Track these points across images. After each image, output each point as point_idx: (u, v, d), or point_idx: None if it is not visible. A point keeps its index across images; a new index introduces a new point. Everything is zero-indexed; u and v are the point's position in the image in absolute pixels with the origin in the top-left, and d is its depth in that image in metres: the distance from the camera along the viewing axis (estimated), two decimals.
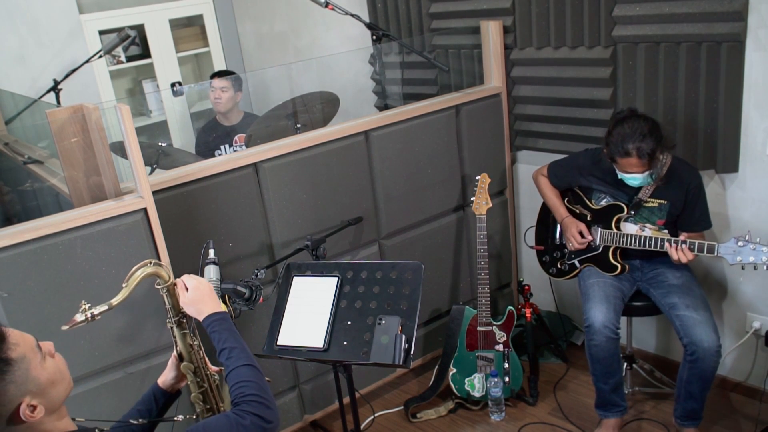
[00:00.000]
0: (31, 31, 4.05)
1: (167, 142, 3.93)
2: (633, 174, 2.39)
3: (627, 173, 2.41)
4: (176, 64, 4.65)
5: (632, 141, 2.31)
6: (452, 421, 2.93)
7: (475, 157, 3.09)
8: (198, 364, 1.70)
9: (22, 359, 1.21)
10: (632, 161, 2.34)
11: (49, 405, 1.26)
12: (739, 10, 2.32)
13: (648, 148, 2.30)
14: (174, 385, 1.73)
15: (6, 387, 1.19)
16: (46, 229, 1.99)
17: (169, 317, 1.67)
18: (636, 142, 2.30)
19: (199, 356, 1.71)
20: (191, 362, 1.69)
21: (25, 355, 1.23)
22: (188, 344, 1.69)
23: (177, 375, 1.72)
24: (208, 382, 1.73)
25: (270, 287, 2.54)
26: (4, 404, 1.19)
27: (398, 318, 2.05)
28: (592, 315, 2.47)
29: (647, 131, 2.31)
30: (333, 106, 3.50)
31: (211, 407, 1.73)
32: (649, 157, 2.31)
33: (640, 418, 2.77)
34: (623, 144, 2.33)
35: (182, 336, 1.68)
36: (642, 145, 2.30)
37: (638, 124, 2.32)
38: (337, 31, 4.00)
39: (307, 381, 2.84)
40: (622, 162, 2.37)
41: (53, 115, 2.06)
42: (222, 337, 1.54)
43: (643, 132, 2.30)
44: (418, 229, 3.01)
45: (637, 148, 2.31)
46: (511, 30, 3.04)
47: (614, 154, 2.38)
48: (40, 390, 1.24)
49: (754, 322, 2.69)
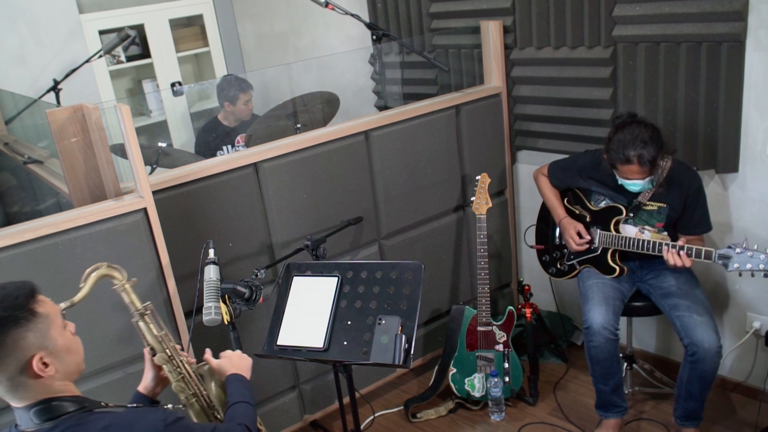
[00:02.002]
0: (31, 31, 4.05)
1: (167, 143, 3.93)
2: (633, 180, 2.38)
3: (627, 179, 2.40)
4: (176, 64, 4.65)
5: (633, 148, 2.29)
6: (452, 421, 2.93)
7: (475, 157, 3.09)
8: (172, 352, 1.74)
9: (46, 316, 1.33)
10: (633, 168, 2.33)
11: (61, 369, 1.34)
12: (739, 10, 2.32)
13: (649, 155, 2.28)
14: (155, 389, 1.76)
15: (25, 334, 1.28)
16: (46, 229, 1.99)
17: (132, 313, 1.72)
18: (637, 150, 2.29)
19: (170, 345, 1.75)
20: (164, 352, 1.73)
21: (49, 314, 1.34)
22: (156, 336, 1.73)
23: (155, 375, 1.76)
24: (185, 368, 1.76)
25: (270, 287, 2.54)
26: (21, 350, 1.28)
27: (398, 318, 2.05)
28: (592, 317, 2.47)
29: (648, 138, 2.29)
30: (333, 106, 3.51)
31: (195, 392, 1.76)
32: (650, 164, 2.30)
33: (640, 418, 2.77)
34: (624, 151, 2.31)
35: (148, 328, 1.72)
36: (643, 153, 2.28)
37: (639, 131, 2.30)
38: (337, 31, 4.00)
39: (307, 381, 2.84)
40: (623, 169, 2.36)
41: (53, 115, 2.06)
42: (237, 390, 1.72)
43: (644, 139, 2.28)
44: (418, 229, 3.01)
45: (638, 156, 2.29)
46: (511, 30, 3.04)
47: (615, 161, 2.36)
48: (55, 351, 1.33)
49: (754, 322, 2.69)
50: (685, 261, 2.30)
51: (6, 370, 1.28)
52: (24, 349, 1.28)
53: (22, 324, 1.28)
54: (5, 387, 1.30)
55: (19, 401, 1.32)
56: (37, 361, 1.29)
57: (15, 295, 1.30)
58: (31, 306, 1.31)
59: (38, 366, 1.29)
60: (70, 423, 1.32)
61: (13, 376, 1.29)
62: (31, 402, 1.32)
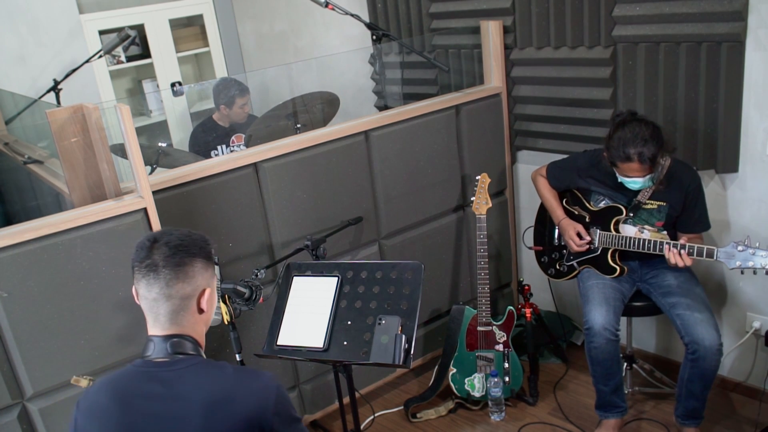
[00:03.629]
0: (31, 31, 4.05)
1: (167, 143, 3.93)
2: (634, 178, 2.38)
3: (628, 177, 2.40)
4: (176, 64, 4.65)
5: (633, 146, 2.29)
6: (452, 421, 2.93)
7: (475, 157, 3.09)
8: None
9: (215, 267, 1.56)
10: (633, 166, 2.33)
11: (207, 314, 1.52)
12: (739, 10, 2.32)
13: (649, 153, 2.29)
14: None
15: (208, 268, 1.50)
16: (46, 229, 1.99)
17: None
18: (638, 147, 2.29)
19: None
20: None
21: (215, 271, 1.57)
22: None
23: None
24: None
25: (270, 287, 2.54)
26: (202, 278, 1.48)
27: (398, 318, 2.05)
28: (592, 317, 2.47)
29: (648, 136, 2.29)
30: (333, 106, 3.51)
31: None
32: (650, 161, 2.30)
33: (640, 418, 2.77)
34: (624, 149, 2.31)
35: None
36: (644, 150, 2.29)
37: (639, 129, 2.31)
38: (337, 31, 4.00)
39: (307, 381, 2.84)
40: (623, 166, 2.36)
41: (53, 115, 2.06)
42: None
43: (644, 137, 2.29)
44: (418, 229, 3.01)
45: (639, 153, 2.29)
46: (511, 30, 3.04)
47: (615, 158, 2.36)
48: (211, 296, 1.52)
49: (754, 322, 2.69)
50: (686, 260, 2.30)
51: (184, 289, 1.45)
52: (204, 278, 1.48)
53: (209, 258, 1.51)
54: (174, 306, 1.45)
55: (167, 328, 1.46)
56: (208, 294, 1.49)
57: (206, 239, 1.53)
58: (214, 253, 1.55)
59: (207, 299, 1.49)
60: (199, 361, 1.45)
61: (187, 296, 1.45)
62: (175, 332, 1.46)
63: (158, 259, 1.44)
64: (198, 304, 1.48)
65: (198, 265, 1.47)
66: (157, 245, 1.45)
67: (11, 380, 2.04)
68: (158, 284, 1.43)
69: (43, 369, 2.06)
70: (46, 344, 2.05)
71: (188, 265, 1.45)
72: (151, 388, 1.41)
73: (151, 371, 1.43)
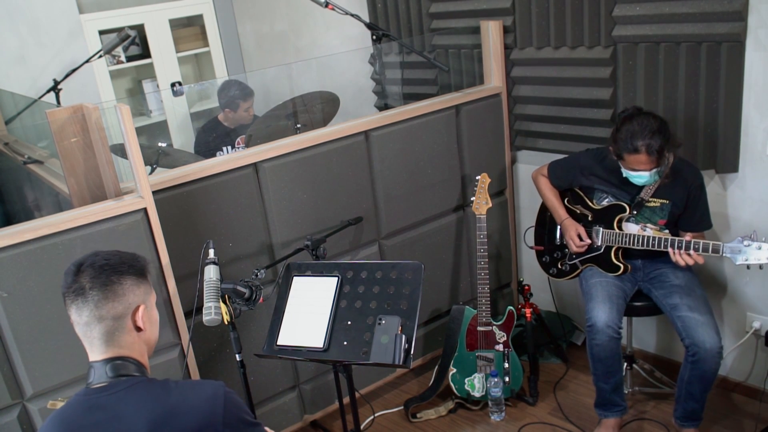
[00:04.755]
0: (31, 31, 4.05)
1: (167, 143, 3.93)
2: (640, 172, 2.38)
3: (634, 171, 2.40)
4: (176, 64, 4.65)
5: (641, 138, 2.30)
6: (452, 421, 2.93)
7: (475, 157, 3.09)
8: None
9: (151, 283, 1.54)
10: (641, 158, 2.33)
11: (147, 333, 1.50)
12: (739, 10, 2.32)
13: (657, 144, 2.29)
14: None
15: (140, 284, 1.48)
16: (46, 229, 1.99)
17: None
18: (646, 139, 2.30)
19: None
20: None
21: (152, 286, 1.55)
22: None
23: None
24: None
25: (270, 287, 2.54)
26: (134, 295, 1.46)
27: (398, 318, 2.05)
28: (595, 315, 2.47)
29: (656, 128, 2.30)
30: (333, 106, 3.50)
31: None
32: (657, 154, 2.31)
33: (640, 418, 2.77)
34: (632, 141, 2.32)
35: None
36: (651, 142, 2.29)
37: (647, 121, 2.32)
38: (337, 31, 4.00)
39: (307, 381, 2.84)
40: (630, 159, 2.36)
41: (53, 115, 2.06)
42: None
43: (652, 129, 2.30)
44: (418, 229, 3.01)
45: (647, 145, 2.30)
46: (511, 30, 3.04)
47: (622, 150, 2.37)
48: (149, 314, 1.51)
49: (754, 322, 2.69)
50: (696, 259, 2.30)
51: (115, 309, 1.43)
52: (135, 295, 1.46)
53: (141, 275, 1.49)
54: (107, 327, 1.42)
55: (103, 351, 1.43)
56: (142, 311, 1.47)
57: (136, 256, 1.52)
58: (147, 268, 1.53)
59: (142, 316, 1.47)
60: (140, 380, 1.43)
61: (119, 316, 1.43)
62: (112, 355, 1.43)
63: (85, 282, 1.42)
64: (134, 322, 1.46)
65: (127, 283, 1.45)
66: (82, 268, 1.44)
67: (11, 380, 2.04)
68: (87, 307, 1.41)
69: (43, 369, 2.06)
70: (46, 344, 2.05)
71: (116, 284, 1.43)
72: (93, 416, 1.39)
73: (91, 399, 1.41)
